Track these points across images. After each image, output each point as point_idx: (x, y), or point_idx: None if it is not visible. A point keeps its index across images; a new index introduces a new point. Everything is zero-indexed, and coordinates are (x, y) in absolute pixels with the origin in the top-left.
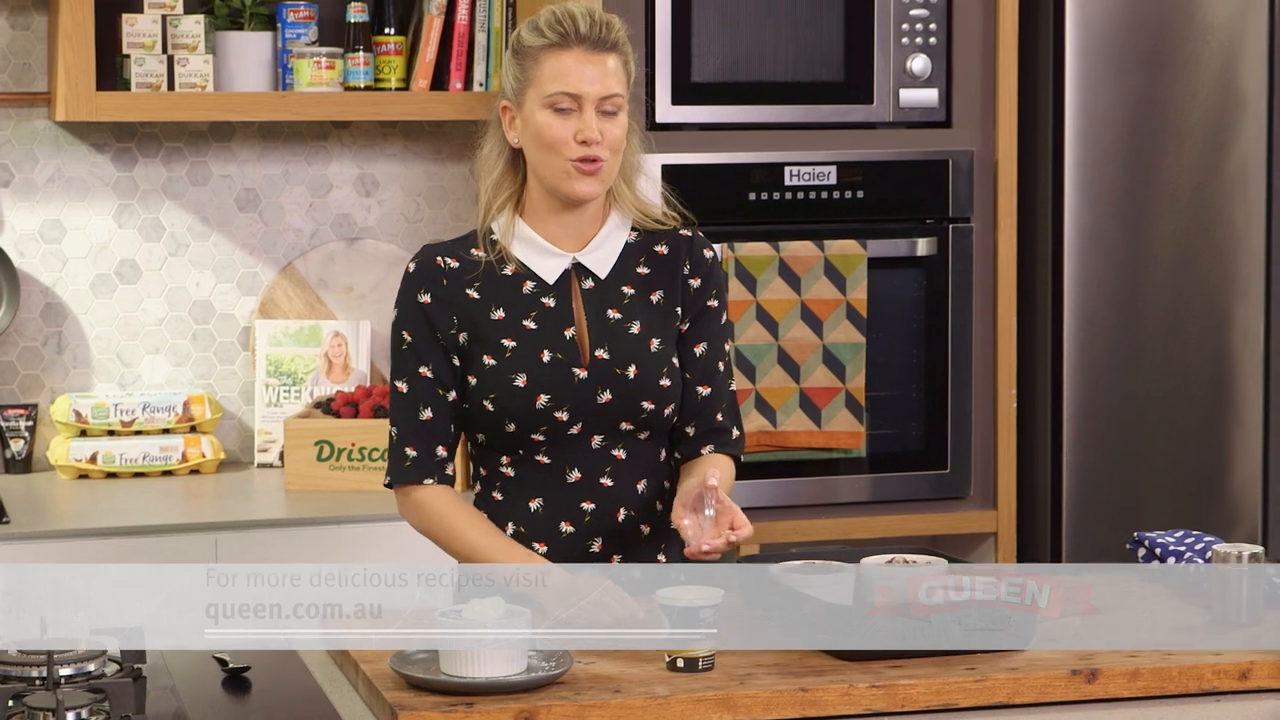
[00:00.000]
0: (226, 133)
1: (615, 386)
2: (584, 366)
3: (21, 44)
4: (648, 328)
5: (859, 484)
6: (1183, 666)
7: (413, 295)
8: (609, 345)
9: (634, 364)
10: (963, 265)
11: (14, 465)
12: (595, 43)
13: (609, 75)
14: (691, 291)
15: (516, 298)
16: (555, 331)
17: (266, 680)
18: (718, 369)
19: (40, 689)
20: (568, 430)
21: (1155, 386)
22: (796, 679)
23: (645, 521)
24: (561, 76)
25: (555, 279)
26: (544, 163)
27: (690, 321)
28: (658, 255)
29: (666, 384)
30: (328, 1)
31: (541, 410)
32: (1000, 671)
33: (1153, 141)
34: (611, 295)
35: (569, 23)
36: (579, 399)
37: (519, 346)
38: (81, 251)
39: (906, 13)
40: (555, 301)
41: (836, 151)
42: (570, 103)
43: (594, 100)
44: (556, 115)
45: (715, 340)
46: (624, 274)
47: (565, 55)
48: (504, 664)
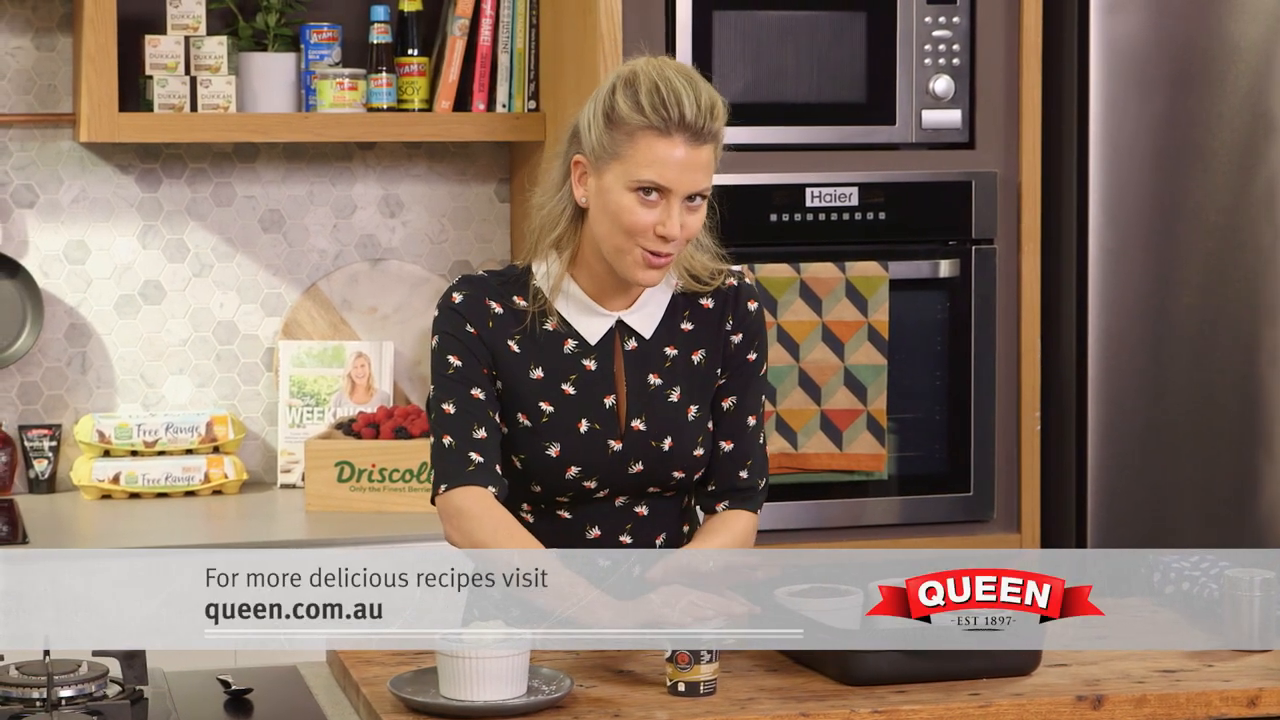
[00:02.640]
0: (251, 154)
1: (648, 458)
2: (619, 438)
3: (46, 65)
4: (687, 394)
5: (881, 507)
6: (1190, 693)
7: (460, 325)
8: (646, 415)
9: (670, 435)
10: (986, 287)
11: (38, 485)
12: (697, 135)
13: (703, 169)
14: (732, 347)
15: (557, 358)
16: (594, 400)
17: (269, 702)
18: (746, 424)
19: (40, 710)
20: (595, 495)
21: (1181, 409)
22: (798, 704)
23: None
24: (656, 165)
25: (598, 340)
26: (612, 243)
27: (727, 376)
28: (702, 310)
29: (699, 453)
30: (351, 23)
31: (571, 480)
32: (1004, 697)
33: (1179, 163)
34: (654, 357)
35: (675, 108)
36: (611, 470)
37: (555, 413)
38: (106, 272)
39: (929, 33)
40: (596, 365)
41: (858, 173)
42: (658, 194)
43: (683, 194)
44: (641, 203)
45: (747, 395)
46: (668, 333)
47: (663, 144)
48: (503, 687)
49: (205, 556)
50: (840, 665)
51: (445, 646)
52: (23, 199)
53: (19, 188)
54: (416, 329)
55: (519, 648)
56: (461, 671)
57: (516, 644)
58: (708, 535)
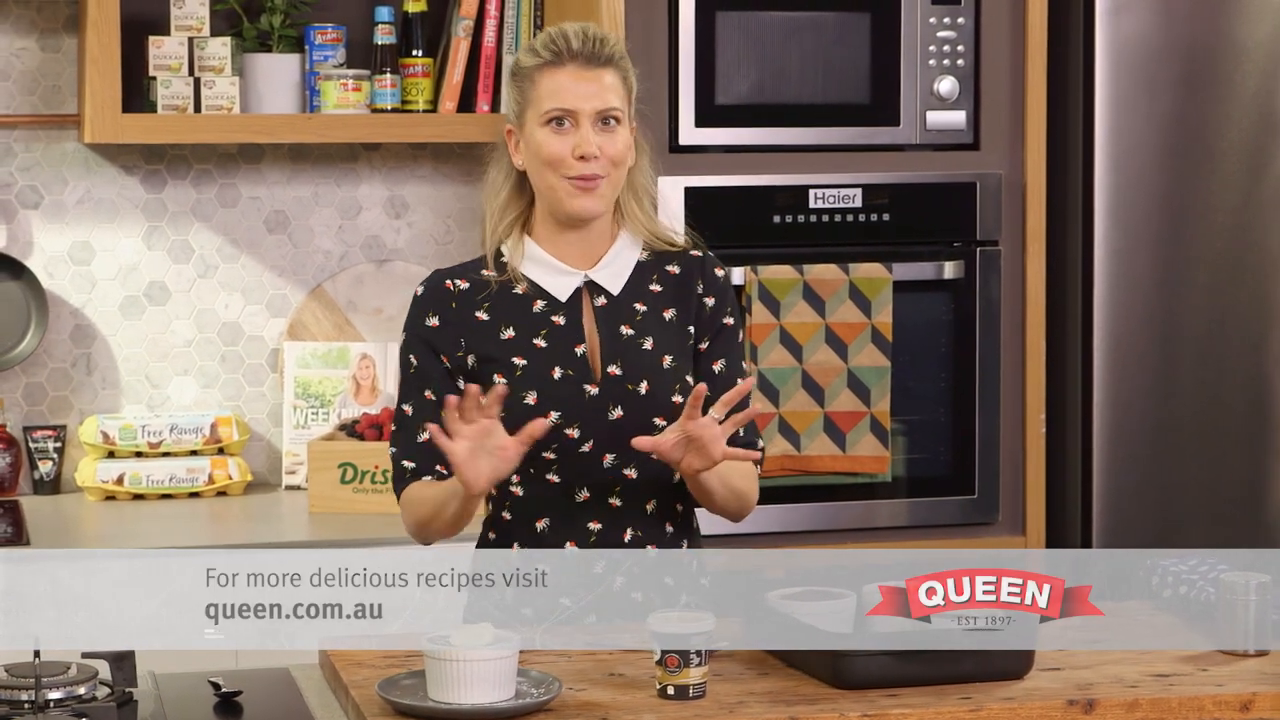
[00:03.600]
0: (256, 155)
1: (627, 403)
2: (595, 383)
3: (51, 66)
4: (660, 344)
5: (886, 509)
6: (1183, 697)
7: (420, 319)
8: (621, 361)
9: (646, 380)
10: (990, 289)
11: (42, 486)
12: (589, 58)
13: (605, 90)
14: (707, 310)
15: (527, 316)
16: (566, 349)
17: (258, 704)
18: (736, 385)
19: (27, 712)
20: (579, 448)
21: (1188, 411)
22: (788, 707)
23: (653, 542)
24: (556, 94)
25: (567, 297)
26: (544, 181)
27: (708, 340)
28: (670, 274)
29: (679, 400)
30: (355, 24)
31: (552, 428)
32: (995, 701)
33: (1186, 164)
34: (624, 312)
35: (561, 41)
36: (590, 416)
37: (529, 365)
38: (110, 273)
39: (934, 34)
40: (565, 319)
41: (862, 174)
42: (568, 118)
43: (590, 115)
44: (554, 133)
45: (734, 358)
46: (636, 291)
47: (559, 73)
48: (491, 690)
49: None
50: (831, 668)
51: (433, 649)
52: (28, 200)
53: (24, 189)
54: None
55: (507, 650)
56: (449, 674)
57: (504, 647)
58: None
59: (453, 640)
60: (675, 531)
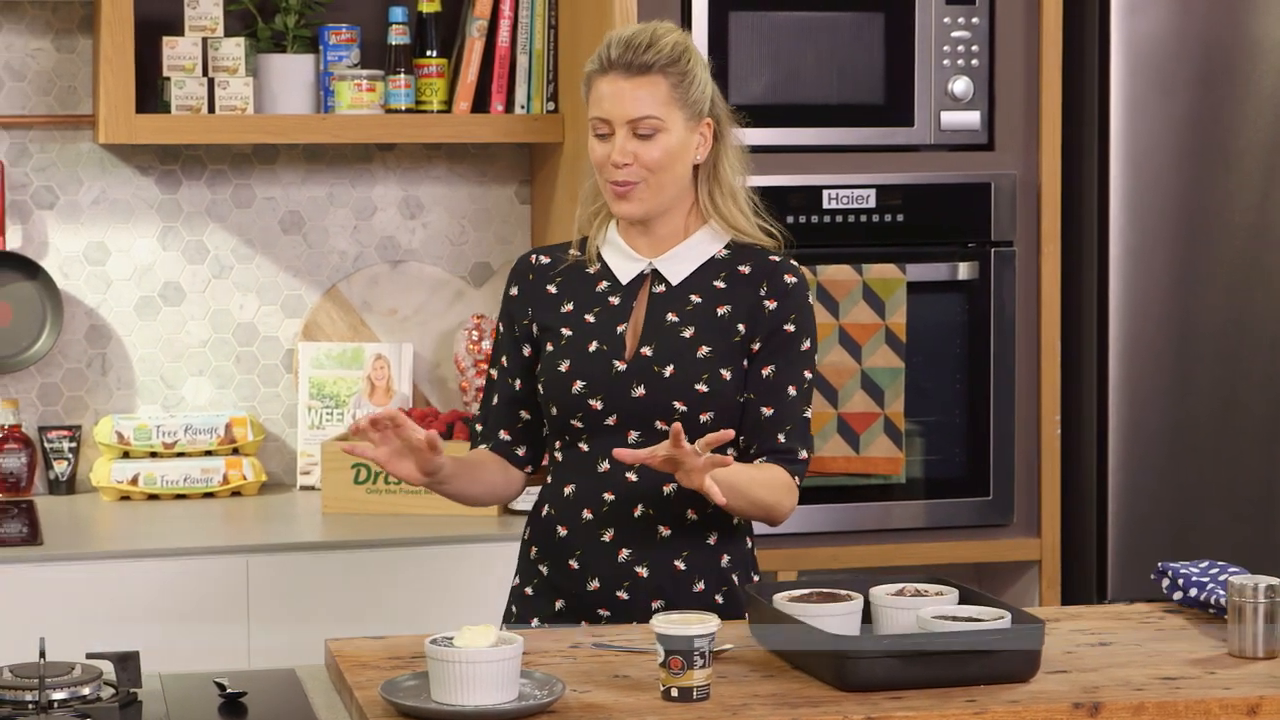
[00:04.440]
0: (270, 155)
1: (650, 382)
2: (624, 360)
3: (67, 67)
4: (701, 334)
5: (900, 511)
6: (1189, 701)
7: (507, 290)
8: (655, 344)
9: (673, 363)
10: (1005, 289)
11: (57, 486)
12: (627, 67)
13: (641, 99)
14: (765, 313)
15: (589, 294)
16: (609, 327)
17: (263, 705)
18: (786, 393)
19: (31, 713)
20: (604, 420)
21: (1206, 412)
22: (792, 709)
23: (665, 524)
24: (598, 102)
25: (628, 280)
26: (597, 181)
27: (762, 343)
28: (739, 274)
29: (703, 389)
30: (370, 24)
31: (577, 396)
32: (1000, 704)
33: (1202, 163)
34: (677, 301)
35: (605, 50)
36: (613, 390)
37: (573, 335)
38: (126, 274)
39: (948, 34)
40: (621, 300)
41: (876, 174)
42: (605, 128)
43: (623, 124)
44: (597, 139)
45: (787, 365)
46: (698, 284)
47: (603, 81)
48: (494, 692)
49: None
50: (836, 671)
51: (436, 650)
52: (43, 200)
53: (39, 189)
54: (436, 331)
55: (510, 652)
56: (452, 676)
57: (508, 648)
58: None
59: (456, 641)
60: (699, 521)
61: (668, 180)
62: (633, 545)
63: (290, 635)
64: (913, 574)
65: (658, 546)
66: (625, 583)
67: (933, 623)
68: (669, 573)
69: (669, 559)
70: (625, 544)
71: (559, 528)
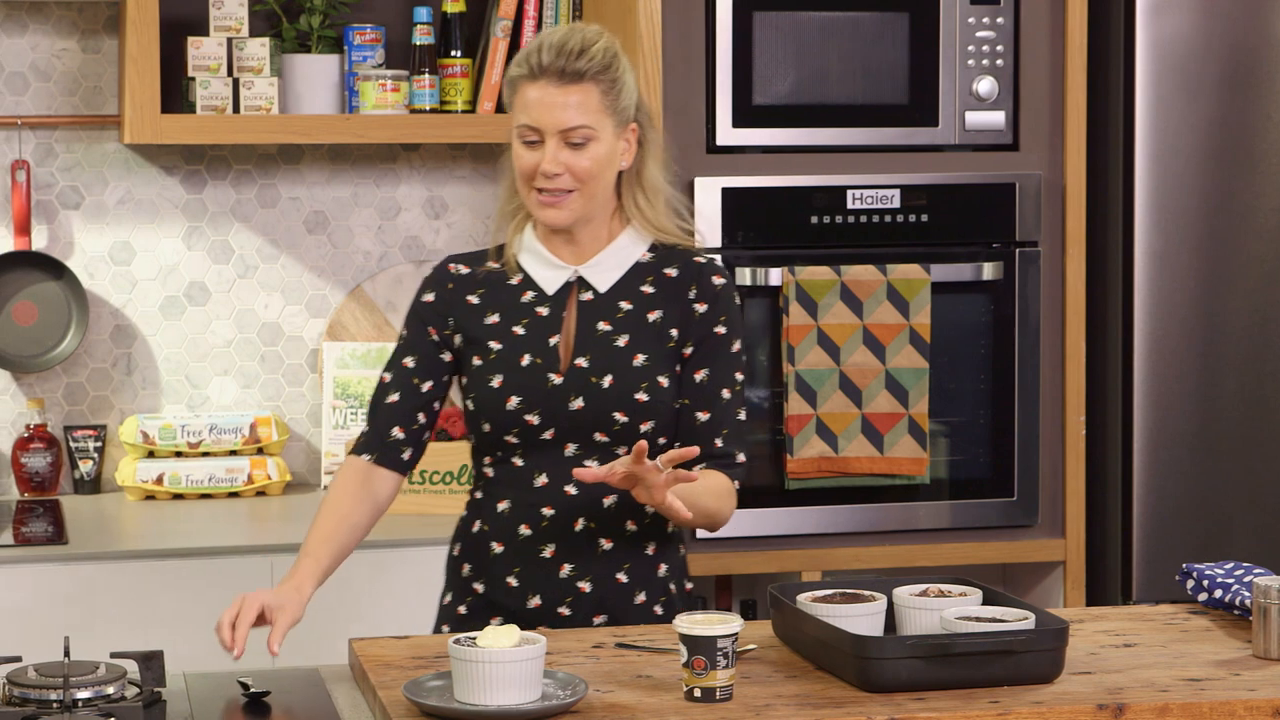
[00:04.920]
0: (295, 155)
1: (588, 394)
2: (560, 373)
3: (92, 67)
4: (635, 342)
5: (924, 511)
6: (1214, 702)
7: (419, 296)
8: (590, 354)
9: (611, 374)
10: (1030, 290)
11: (82, 486)
12: (560, 74)
13: (573, 108)
14: (696, 316)
15: (514, 305)
16: (540, 338)
17: (286, 704)
18: (720, 396)
19: (56, 712)
20: (540, 435)
21: (1231, 413)
22: (815, 710)
23: (607, 536)
24: (527, 109)
25: (554, 290)
26: (521, 190)
27: (694, 347)
28: (666, 277)
29: (643, 398)
30: (394, 24)
31: (512, 412)
32: (1024, 705)
33: (1227, 165)
34: (607, 309)
35: (536, 55)
36: (551, 404)
37: (503, 349)
38: (151, 273)
39: (973, 34)
40: (549, 311)
41: (900, 175)
42: (534, 135)
43: (555, 133)
44: (524, 147)
45: (720, 368)
46: (625, 290)
47: (531, 88)
48: (518, 692)
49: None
50: (859, 671)
51: (459, 650)
52: (68, 200)
53: (64, 189)
54: None
55: (533, 652)
56: (475, 675)
57: (531, 648)
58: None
59: (479, 641)
60: (638, 531)
61: (597, 189)
62: (574, 560)
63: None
64: (936, 575)
65: (599, 560)
66: (568, 598)
67: (957, 624)
68: (612, 586)
69: (611, 572)
70: (566, 559)
71: (494, 544)
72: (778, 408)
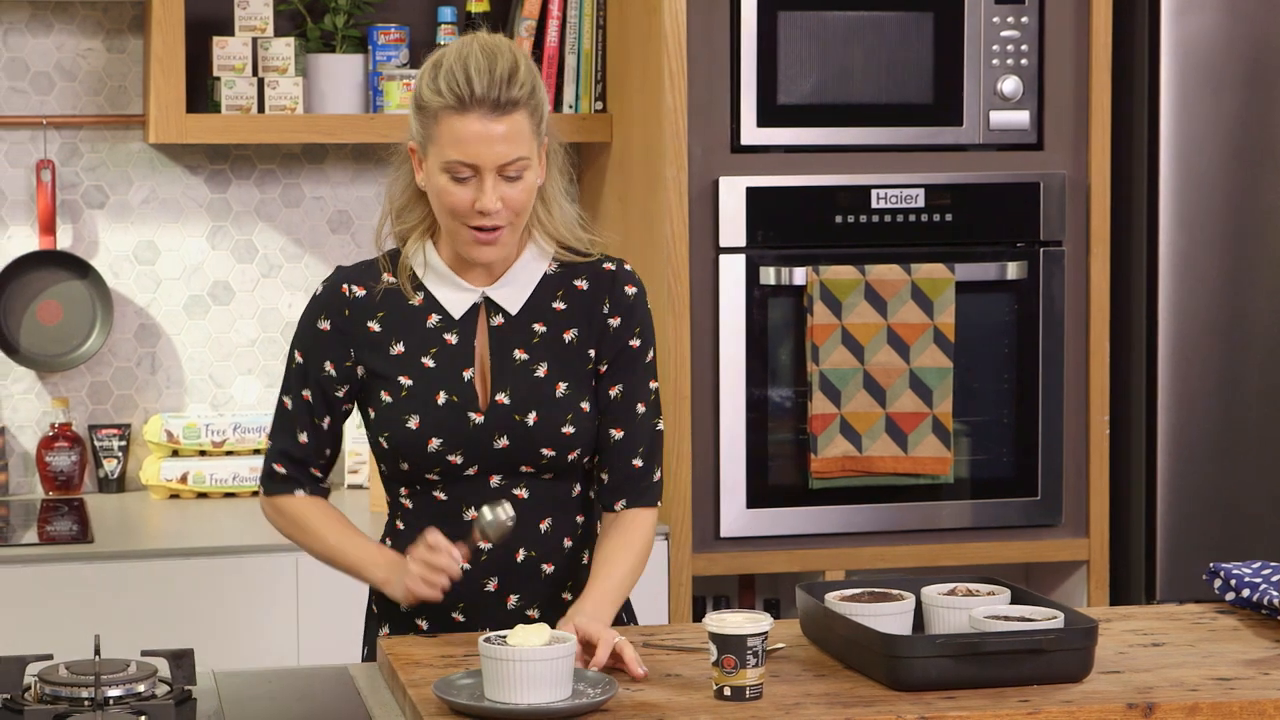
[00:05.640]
0: (319, 155)
1: (513, 432)
2: (480, 411)
3: (117, 67)
4: (555, 370)
5: (947, 511)
6: (1244, 702)
7: (313, 320)
8: (511, 389)
9: (535, 410)
10: (1054, 289)
11: (107, 485)
12: (494, 105)
13: (510, 139)
14: (610, 332)
15: (419, 332)
16: (453, 372)
17: (316, 703)
18: (635, 411)
19: (87, 710)
20: (464, 471)
21: (1255, 413)
22: (845, 709)
23: (548, 561)
24: (458, 144)
25: (462, 314)
26: (445, 225)
27: (608, 363)
28: (576, 290)
29: (569, 431)
30: (418, 24)
31: (434, 454)
32: (1054, 704)
33: (1252, 164)
34: (521, 333)
35: (465, 86)
36: (474, 444)
37: (414, 386)
38: (175, 273)
39: (997, 34)
40: (458, 339)
41: (925, 174)
42: (468, 171)
43: (493, 168)
44: (454, 183)
45: (634, 381)
46: (537, 310)
47: (462, 121)
48: (548, 690)
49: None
50: (889, 670)
51: (490, 649)
52: (93, 200)
53: (89, 189)
54: None
55: (564, 650)
56: (506, 674)
57: (561, 647)
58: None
59: (510, 640)
60: (575, 547)
61: (524, 218)
62: (520, 590)
63: (339, 633)
64: (960, 574)
65: (543, 584)
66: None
67: (986, 622)
68: (558, 608)
69: (556, 594)
70: (511, 590)
71: None
72: (802, 407)
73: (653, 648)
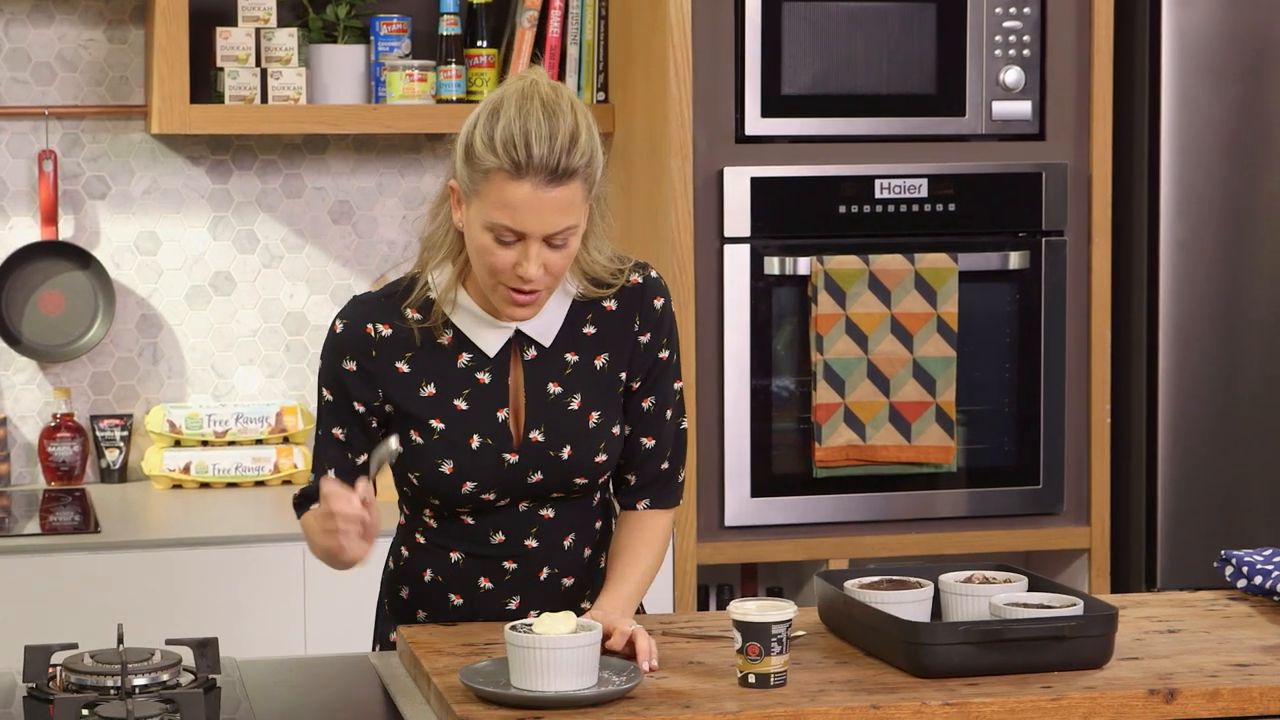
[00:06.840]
0: (320, 145)
1: (548, 468)
2: (514, 451)
3: (119, 57)
4: (589, 400)
5: (950, 499)
6: (1264, 687)
7: (338, 360)
8: (545, 426)
9: (569, 445)
10: (1056, 279)
11: (109, 475)
12: (550, 174)
13: (562, 209)
14: (641, 349)
15: (449, 373)
16: (488, 413)
17: (339, 691)
18: (665, 418)
19: (114, 698)
20: (496, 504)
21: (1254, 402)
22: (869, 695)
23: (569, 575)
24: (508, 209)
25: (495, 352)
26: (481, 277)
27: (641, 379)
28: (606, 312)
29: (603, 459)
30: (421, 14)
31: (468, 494)
32: (1076, 690)
33: (1252, 154)
34: (554, 364)
35: (524, 150)
36: (507, 482)
37: (447, 430)
38: (177, 263)
39: (999, 24)
40: (491, 377)
41: (928, 164)
42: (513, 236)
43: (539, 237)
44: (498, 244)
45: (664, 390)
46: (569, 339)
47: (514, 186)
48: (575, 677)
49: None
50: (912, 657)
51: (516, 637)
52: (95, 190)
53: (91, 179)
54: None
55: (590, 638)
56: (533, 662)
57: (587, 634)
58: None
59: (536, 628)
60: (593, 555)
61: (560, 279)
62: (541, 605)
63: (347, 622)
64: (964, 562)
65: (564, 597)
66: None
67: (1008, 609)
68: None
69: (575, 604)
70: (533, 605)
71: (452, 596)
72: (806, 396)
73: (673, 635)
